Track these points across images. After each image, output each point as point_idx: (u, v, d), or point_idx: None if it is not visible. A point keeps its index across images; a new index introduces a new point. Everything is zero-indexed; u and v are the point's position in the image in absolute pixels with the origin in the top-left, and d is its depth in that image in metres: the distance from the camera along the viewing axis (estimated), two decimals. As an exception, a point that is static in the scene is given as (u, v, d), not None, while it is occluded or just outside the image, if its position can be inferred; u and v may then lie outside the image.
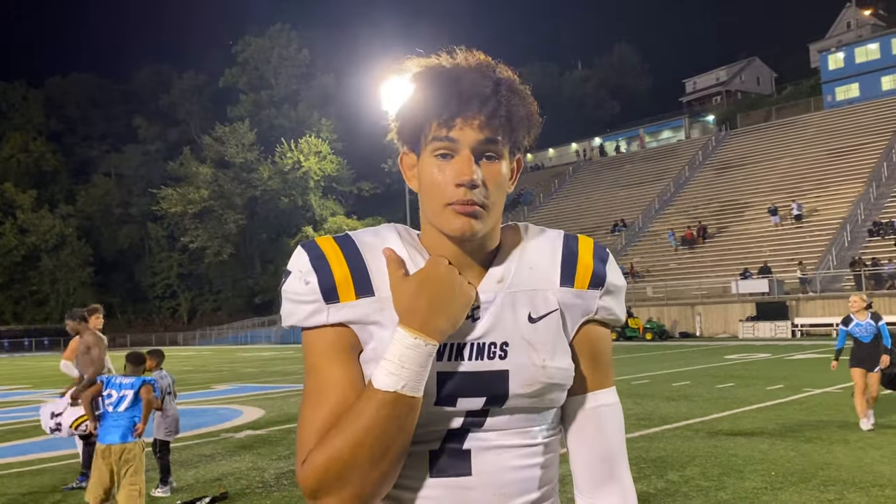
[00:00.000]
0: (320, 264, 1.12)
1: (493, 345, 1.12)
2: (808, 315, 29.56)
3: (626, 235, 45.60)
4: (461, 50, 1.17)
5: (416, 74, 1.14)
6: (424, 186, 1.13)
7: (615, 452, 1.20)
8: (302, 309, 1.12)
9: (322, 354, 1.11)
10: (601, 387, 1.21)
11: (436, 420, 1.11)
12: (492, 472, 1.12)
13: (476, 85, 1.10)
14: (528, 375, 1.11)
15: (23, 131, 78.98)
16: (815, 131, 47.48)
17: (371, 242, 1.15)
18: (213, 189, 65.52)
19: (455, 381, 1.10)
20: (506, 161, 1.14)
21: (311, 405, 1.08)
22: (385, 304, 1.10)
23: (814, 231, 36.20)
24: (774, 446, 7.46)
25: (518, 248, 1.19)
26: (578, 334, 1.19)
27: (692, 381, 13.72)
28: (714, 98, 75.67)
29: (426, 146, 1.12)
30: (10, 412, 14.14)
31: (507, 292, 1.14)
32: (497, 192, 1.12)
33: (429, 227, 1.15)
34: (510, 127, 1.12)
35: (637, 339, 30.11)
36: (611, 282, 1.20)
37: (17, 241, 68.76)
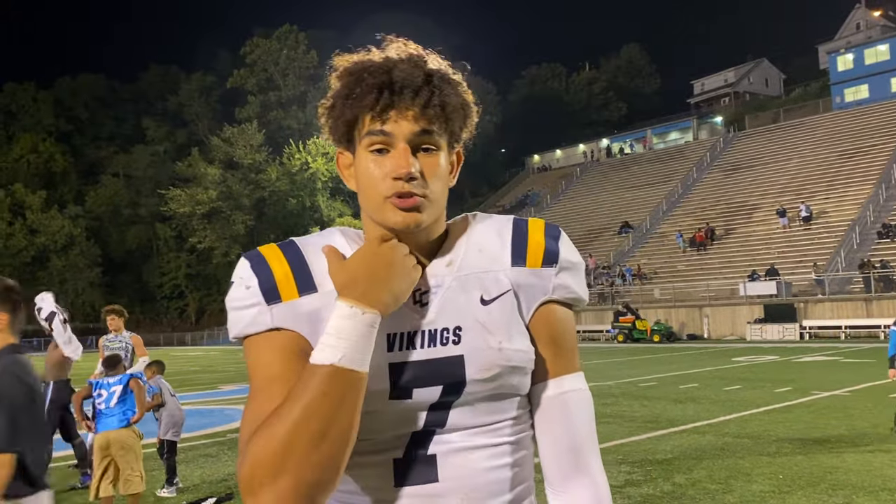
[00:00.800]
0: (260, 268, 1.09)
1: (446, 330, 1.08)
2: (816, 317, 29.42)
3: (634, 237, 45.48)
4: (392, 41, 1.13)
5: (344, 69, 1.10)
6: (362, 183, 1.09)
7: (584, 441, 1.14)
8: (245, 315, 1.08)
9: (267, 356, 1.05)
10: (565, 371, 1.15)
11: (396, 420, 1.06)
12: (460, 476, 1.07)
13: (408, 75, 1.06)
14: (485, 359, 1.07)
15: (32, 132, 79.40)
16: (824, 133, 47.27)
17: (314, 242, 1.13)
18: (221, 190, 65.70)
19: (408, 370, 1.06)
20: (444, 153, 1.11)
21: (255, 406, 1.01)
22: (329, 300, 1.05)
23: (822, 233, 36.02)
24: (782, 449, 7.43)
25: (465, 233, 1.16)
26: (536, 316, 1.14)
27: (700, 384, 13.67)
28: (722, 99, 75.42)
29: (360, 142, 1.09)
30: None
31: (457, 275, 1.11)
32: (437, 184, 1.09)
33: (372, 225, 1.12)
34: (445, 117, 1.08)
35: (644, 341, 30.02)
36: (565, 258, 1.16)
37: (26, 241, 69.10)
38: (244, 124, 68.99)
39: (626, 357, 22.28)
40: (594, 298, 38.99)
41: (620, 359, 21.61)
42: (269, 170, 66.71)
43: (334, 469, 0.98)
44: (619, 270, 40.77)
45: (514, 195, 66.86)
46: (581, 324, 37.16)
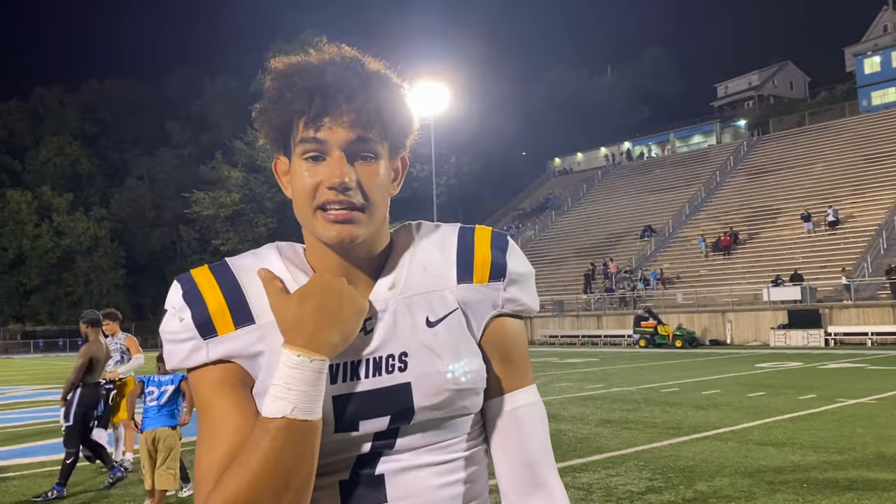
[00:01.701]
0: (193, 297, 1.03)
1: (392, 357, 1.03)
2: (842, 324, 29.03)
3: (656, 241, 45.18)
4: (327, 45, 1.10)
5: (276, 72, 1.05)
6: (296, 191, 1.04)
7: (539, 456, 1.10)
8: (181, 349, 1.04)
9: (210, 393, 1.01)
10: (518, 386, 1.11)
11: (341, 448, 1.02)
12: (410, 495, 1.03)
13: (341, 79, 1.01)
14: (433, 385, 1.02)
15: (59, 136, 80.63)
16: (850, 136, 46.69)
17: (248, 265, 1.07)
18: (244, 193, 66.29)
19: (353, 403, 1.01)
20: (384, 161, 1.05)
21: (205, 447, 0.99)
22: (268, 331, 1.01)
23: (848, 238, 35.56)
24: (806, 457, 7.33)
25: (409, 249, 1.10)
26: (487, 332, 1.10)
27: (722, 390, 13.54)
28: (746, 103, 74.81)
29: (295, 149, 1.04)
30: (43, 411, 14.39)
31: (401, 298, 1.06)
32: (376, 194, 1.03)
33: (311, 239, 1.07)
34: (382, 122, 1.03)
35: (666, 347, 29.79)
36: (513, 270, 1.11)
37: (52, 243, 70.13)
38: (267, 128, 69.55)
39: (648, 362, 22.13)
40: (615, 303, 38.77)
41: (642, 364, 21.46)
42: (291, 173, 67.23)
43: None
44: (642, 275, 40.51)
45: (534, 198, 66.71)
46: (602, 329, 36.97)
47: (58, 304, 72.19)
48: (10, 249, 69.67)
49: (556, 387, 15.02)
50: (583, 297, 40.68)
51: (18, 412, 14.59)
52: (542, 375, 17.79)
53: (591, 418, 10.46)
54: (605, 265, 43.06)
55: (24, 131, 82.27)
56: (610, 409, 11.25)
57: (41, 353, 61.69)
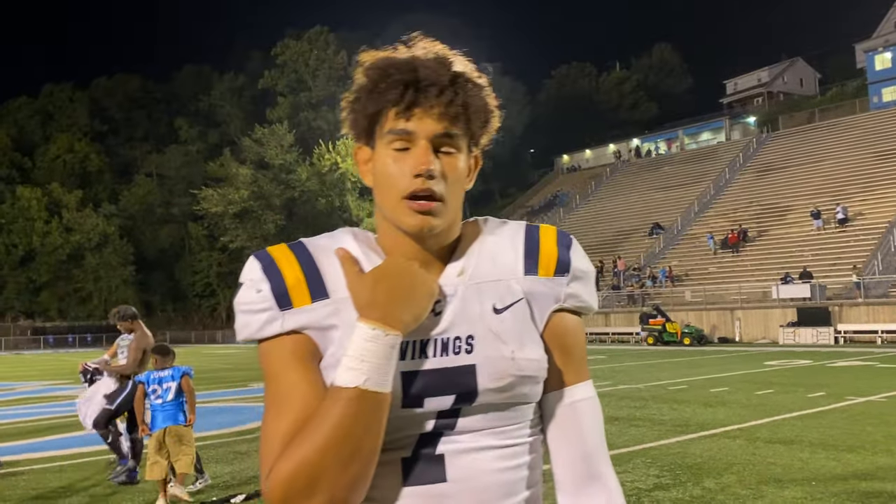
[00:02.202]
0: (272, 271, 1.08)
1: (458, 339, 1.07)
2: (851, 321, 28.89)
3: (665, 238, 45.05)
4: (419, 40, 1.13)
5: (370, 64, 1.10)
6: (380, 180, 1.09)
7: (596, 449, 1.15)
8: (256, 319, 1.08)
9: (281, 363, 1.06)
10: (577, 381, 1.16)
11: (405, 425, 1.06)
12: (468, 477, 1.06)
13: (433, 74, 1.06)
14: (497, 368, 1.07)
15: (68, 132, 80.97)
16: (861, 133, 46.41)
17: (325, 245, 1.12)
18: (252, 190, 66.40)
19: (420, 380, 1.05)
20: (463, 155, 1.11)
21: (272, 415, 1.03)
22: (341, 306, 1.06)
23: (858, 235, 35.37)
24: (815, 455, 7.30)
25: (478, 240, 1.15)
26: (549, 325, 1.14)
27: (730, 387, 13.50)
28: (755, 99, 74.37)
29: (381, 138, 1.09)
30: (53, 406, 14.48)
31: (470, 284, 1.10)
32: (454, 187, 1.09)
33: (385, 225, 1.12)
34: (467, 118, 1.08)
35: (675, 344, 29.71)
36: (577, 267, 1.16)
37: (62, 239, 70.44)
38: (275, 125, 69.66)
39: (656, 360, 22.09)
40: (623, 300, 38.70)
41: (650, 361, 21.42)
42: (299, 170, 67.29)
43: (363, 485, 1.01)
44: (650, 272, 40.41)
45: (542, 195, 66.61)
46: (610, 326, 36.90)
47: (67, 300, 72.55)
48: (20, 246, 70.05)
49: (564, 384, 14.98)
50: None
51: (28, 407, 14.68)
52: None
53: (598, 415, 10.43)
54: (613, 263, 42.97)
55: (33, 128, 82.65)
56: (617, 407, 11.23)
57: (51, 348, 62.02)
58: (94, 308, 70.92)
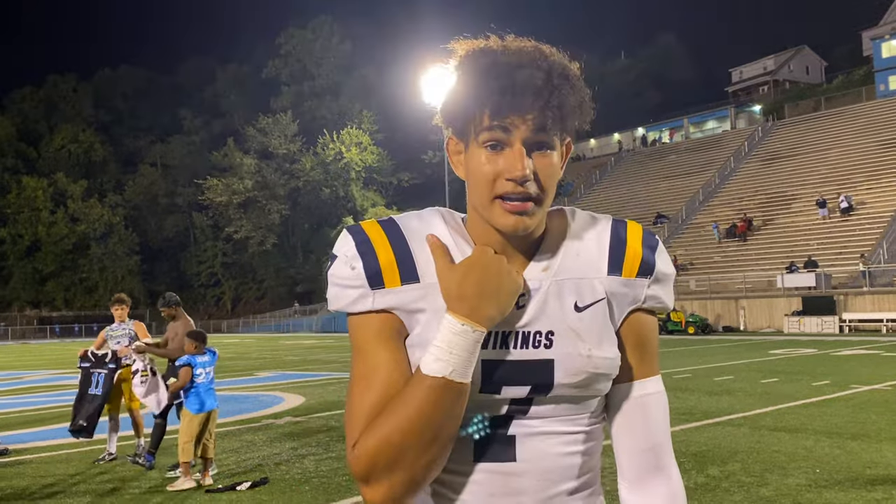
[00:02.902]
0: (366, 249, 1.12)
1: (539, 333, 1.11)
2: (856, 310, 28.83)
3: (669, 227, 44.97)
4: (510, 36, 1.14)
5: (465, 58, 1.11)
6: (473, 177, 1.11)
7: (661, 442, 1.19)
8: (347, 294, 1.12)
9: (368, 339, 1.11)
10: (647, 375, 1.20)
11: (480, 407, 1.11)
12: (536, 458, 1.12)
13: (529, 77, 1.06)
14: (574, 365, 1.11)
15: (73, 123, 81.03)
16: (867, 121, 46.17)
17: (416, 228, 1.14)
18: (256, 180, 66.46)
19: (500, 369, 1.10)
20: (557, 151, 1.12)
21: (359, 389, 1.08)
22: (430, 291, 1.10)
23: (864, 224, 35.25)
24: (819, 443, 7.30)
25: (565, 235, 1.17)
26: (625, 323, 1.18)
27: (735, 376, 13.50)
28: (761, 88, 74.03)
29: (476, 136, 1.10)
30: (60, 395, 14.56)
31: (554, 280, 1.13)
32: (548, 184, 1.10)
33: (475, 215, 1.14)
34: (561, 117, 1.09)
35: (679, 333, 29.71)
36: (660, 270, 1.19)
37: (68, 229, 70.69)
38: (279, 114, 69.61)
39: (661, 349, 21.92)
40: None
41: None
42: (303, 160, 67.26)
43: (439, 466, 1.07)
44: (654, 261, 40.36)
45: (547, 185, 66.41)
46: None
47: (73, 289, 72.86)
48: (25, 236, 70.31)
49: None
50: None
51: (36, 396, 14.77)
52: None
53: (602, 404, 10.44)
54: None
55: (38, 119, 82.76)
56: (622, 395, 11.23)
57: (57, 338, 62.32)
58: (99, 298, 71.17)
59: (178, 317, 7.59)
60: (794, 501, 5.30)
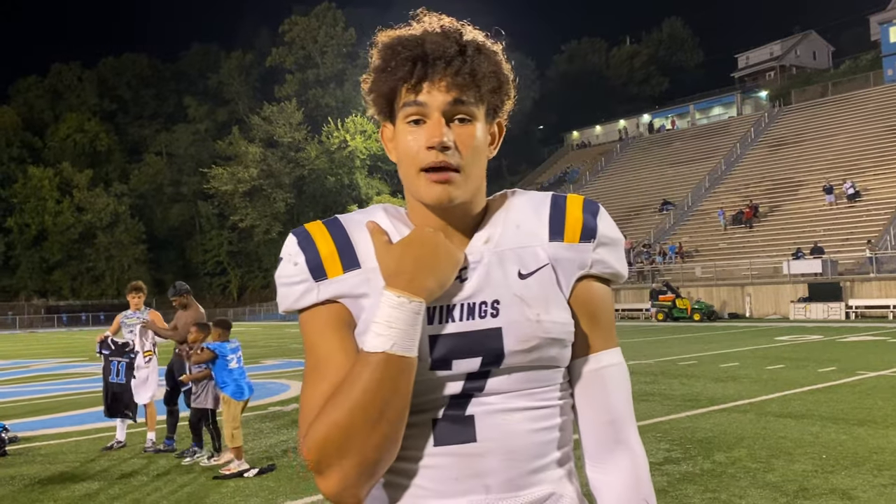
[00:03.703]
0: (306, 244, 1.14)
1: (484, 304, 1.10)
2: (863, 296, 28.75)
3: (675, 214, 44.85)
4: (427, 15, 1.16)
5: (383, 45, 1.14)
6: (400, 155, 1.13)
7: (622, 414, 1.17)
8: (294, 290, 1.13)
9: (318, 332, 1.11)
10: (604, 347, 1.17)
11: (435, 387, 1.09)
12: (498, 437, 1.09)
13: (440, 46, 1.09)
14: (523, 331, 1.09)
15: (78, 112, 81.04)
16: (875, 107, 45.86)
17: (357, 219, 1.17)
18: (261, 168, 66.41)
19: (446, 342, 1.08)
20: (481, 123, 1.13)
21: (311, 382, 1.09)
22: (372, 276, 1.11)
23: (871, 210, 35.09)
24: (826, 429, 7.31)
25: (504, 209, 1.18)
26: (576, 291, 1.16)
27: (741, 363, 13.50)
28: (767, 73, 73.57)
29: (399, 114, 1.12)
30: (68, 383, 14.65)
31: (495, 251, 1.13)
32: (473, 156, 1.11)
33: (412, 199, 1.15)
34: (476, 85, 1.10)
35: (684, 320, 29.69)
36: (603, 233, 1.17)
37: (74, 219, 70.84)
38: (283, 102, 69.47)
39: (666, 336, 22.10)
40: (633, 277, 38.63)
41: (660, 337, 21.43)
42: (308, 148, 67.18)
43: (393, 446, 1.05)
44: (660, 248, 40.30)
45: (552, 172, 66.33)
46: (620, 302, 36.88)
47: (80, 279, 73.12)
48: (32, 225, 70.52)
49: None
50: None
51: (44, 384, 14.86)
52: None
53: (608, 391, 10.45)
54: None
55: (43, 108, 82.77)
56: (628, 382, 11.25)
57: (65, 327, 62.64)
58: (106, 287, 71.48)
59: (189, 305, 7.73)
60: (801, 487, 5.31)
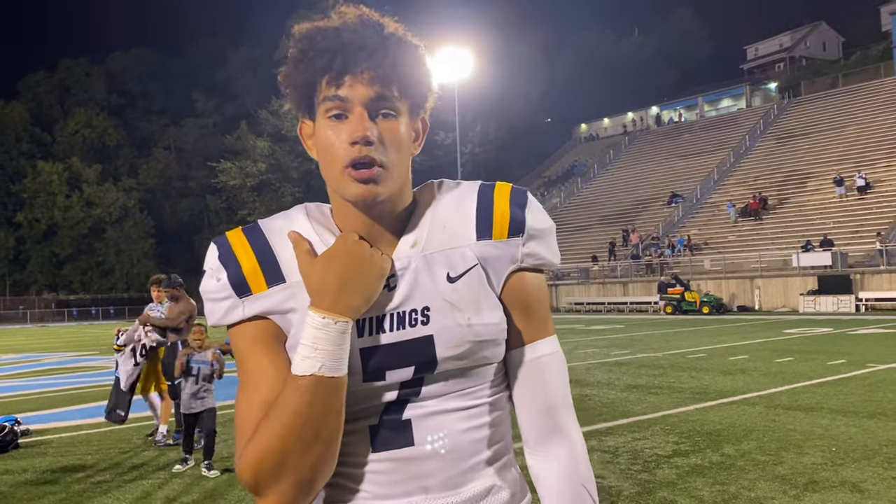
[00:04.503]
0: (228, 259, 1.10)
1: (414, 311, 1.08)
2: (873, 289, 28.61)
3: (684, 207, 44.68)
4: (344, 6, 1.12)
5: (299, 35, 1.09)
6: (321, 151, 1.09)
7: (558, 402, 1.16)
8: (219, 307, 1.11)
9: (247, 348, 1.09)
10: (539, 337, 1.16)
11: (369, 396, 1.08)
12: (435, 439, 1.09)
13: (361, 38, 1.05)
14: (454, 336, 1.07)
15: (86, 107, 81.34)
16: (885, 98, 45.54)
17: (278, 227, 1.12)
18: (269, 162, 66.52)
19: (379, 354, 1.07)
20: (404, 118, 1.09)
21: (243, 400, 1.07)
22: (297, 290, 1.07)
23: (881, 202, 34.88)
24: (835, 422, 7.28)
25: (431, 207, 1.14)
26: (507, 285, 1.14)
27: (750, 356, 13.46)
28: (777, 65, 73.13)
29: (318, 109, 1.08)
30: (79, 377, 14.75)
31: (422, 255, 1.10)
32: (397, 152, 1.07)
33: (336, 198, 1.12)
34: (399, 80, 1.07)
35: (693, 313, 29.64)
36: (531, 226, 1.14)
37: (83, 213, 71.19)
38: (291, 97, 69.49)
39: (675, 329, 22.05)
40: (642, 270, 38.55)
41: (669, 330, 21.39)
42: (315, 142, 67.21)
43: (329, 463, 1.04)
44: (669, 241, 40.17)
45: (560, 165, 66.16)
46: (628, 296, 36.84)
47: (90, 273, 73.52)
48: (42, 220, 70.91)
49: (582, 353, 15.03)
50: (607, 264, 40.47)
51: (54, 378, 14.95)
52: (568, 342, 17.81)
53: (617, 383, 10.47)
54: (625, 234, 42.78)
55: (52, 103, 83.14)
56: (636, 375, 11.25)
57: (75, 321, 62.99)
58: (116, 281, 71.86)
59: (180, 298, 7.85)
60: (810, 480, 5.30)
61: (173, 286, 7.91)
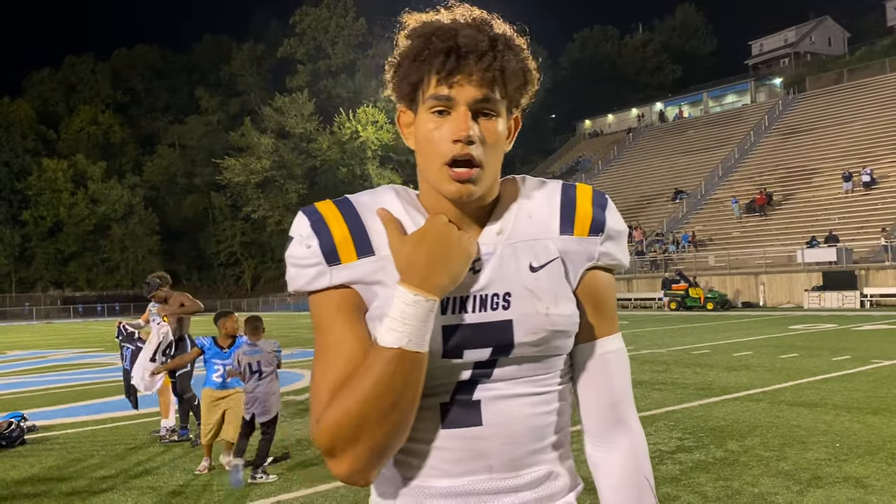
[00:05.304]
0: (320, 227, 1.14)
1: (496, 296, 1.13)
2: (878, 285, 28.52)
3: (688, 203, 44.60)
4: (458, 5, 1.16)
5: (413, 30, 1.14)
6: (421, 144, 1.14)
7: (622, 397, 1.23)
8: (305, 273, 1.14)
9: (329, 315, 1.13)
10: (607, 333, 1.23)
11: (444, 373, 1.13)
12: (502, 421, 1.14)
13: (472, 41, 1.09)
14: (533, 324, 1.13)
15: (91, 104, 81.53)
16: (891, 93, 45.33)
17: (369, 203, 1.16)
18: (274, 159, 66.56)
19: (460, 333, 1.12)
20: (503, 118, 1.15)
21: (321, 366, 1.11)
22: (385, 263, 1.12)
23: (886, 198, 34.75)
24: (839, 418, 7.28)
25: (516, 200, 1.20)
26: (583, 282, 1.20)
27: (754, 352, 13.45)
28: (782, 60, 72.80)
29: (423, 103, 1.13)
30: (84, 373, 14.80)
31: (507, 243, 1.16)
32: (493, 151, 1.12)
33: (426, 186, 1.17)
34: (504, 81, 1.12)
35: (698, 309, 29.59)
36: (611, 227, 1.21)
37: (88, 210, 71.40)
38: (295, 93, 69.52)
39: (679, 325, 22.03)
40: (647, 266, 38.50)
41: (673, 326, 21.37)
42: (319, 139, 67.23)
43: (403, 432, 1.09)
44: (673, 237, 40.11)
45: (564, 161, 66.10)
46: (633, 292, 36.79)
47: (95, 270, 73.74)
48: (47, 217, 71.13)
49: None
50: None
51: (61, 374, 15.02)
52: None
53: (621, 380, 10.44)
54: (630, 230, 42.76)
55: (57, 100, 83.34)
56: (640, 371, 11.25)
57: (81, 318, 63.19)
58: (121, 278, 72.06)
59: (169, 296, 7.76)
60: (814, 475, 5.30)
61: (154, 289, 7.74)
